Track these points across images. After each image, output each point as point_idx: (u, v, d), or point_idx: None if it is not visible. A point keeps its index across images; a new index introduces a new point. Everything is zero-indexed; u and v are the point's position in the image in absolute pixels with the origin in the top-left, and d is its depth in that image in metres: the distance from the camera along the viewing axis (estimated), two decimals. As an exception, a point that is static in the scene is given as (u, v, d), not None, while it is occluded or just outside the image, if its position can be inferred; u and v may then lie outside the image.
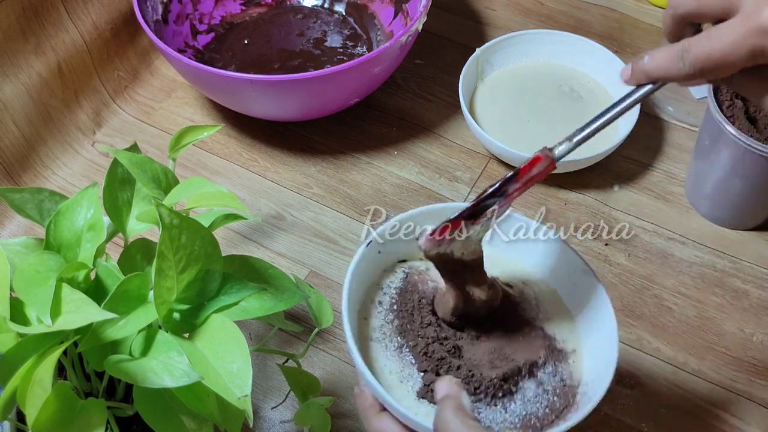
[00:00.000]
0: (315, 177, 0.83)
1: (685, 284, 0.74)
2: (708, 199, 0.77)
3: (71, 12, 0.84)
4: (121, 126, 0.88)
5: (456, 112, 0.88)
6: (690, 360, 0.69)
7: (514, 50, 0.89)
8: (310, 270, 0.75)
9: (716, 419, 0.66)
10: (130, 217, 0.55)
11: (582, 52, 0.88)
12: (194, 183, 0.52)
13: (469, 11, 0.99)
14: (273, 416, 0.66)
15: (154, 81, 0.93)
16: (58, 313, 0.44)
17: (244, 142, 0.86)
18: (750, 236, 0.77)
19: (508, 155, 0.79)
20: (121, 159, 0.52)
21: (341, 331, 0.71)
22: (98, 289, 0.49)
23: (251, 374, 0.44)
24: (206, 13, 0.94)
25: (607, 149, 0.78)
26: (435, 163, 0.84)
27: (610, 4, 0.99)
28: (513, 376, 0.50)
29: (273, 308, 0.50)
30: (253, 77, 0.75)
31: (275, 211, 0.80)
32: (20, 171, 0.80)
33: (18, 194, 0.52)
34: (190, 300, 0.47)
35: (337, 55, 0.91)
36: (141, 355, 0.46)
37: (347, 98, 0.82)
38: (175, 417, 0.46)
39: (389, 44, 0.76)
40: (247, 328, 0.70)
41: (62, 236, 0.50)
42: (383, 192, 0.81)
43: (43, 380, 0.42)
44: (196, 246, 0.45)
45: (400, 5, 0.92)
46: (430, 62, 0.93)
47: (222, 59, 0.91)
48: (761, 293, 0.73)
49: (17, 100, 0.79)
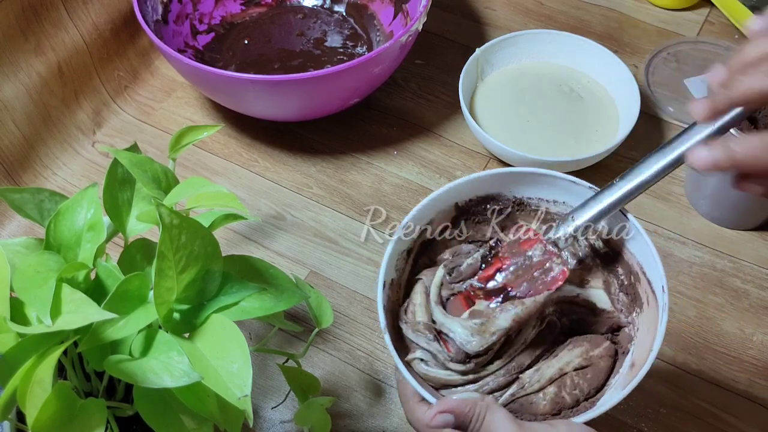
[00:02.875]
0: (315, 177, 0.83)
1: (685, 284, 0.74)
2: (708, 199, 0.77)
3: (71, 12, 0.84)
4: (121, 126, 0.88)
5: (456, 112, 0.88)
6: (690, 360, 0.69)
7: (514, 50, 0.89)
8: (310, 270, 0.75)
9: (716, 419, 0.66)
10: (130, 217, 0.54)
11: (582, 52, 0.88)
12: (194, 183, 0.52)
13: (469, 11, 0.99)
14: (273, 416, 0.66)
15: (154, 81, 0.93)
16: (58, 313, 0.44)
17: (244, 142, 0.86)
18: (750, 236, 0.77)
19: (508, 155, 0.79)
20: (121, 159, 0.52)
21: (341, 331, 0.71)
22: (98, 289, 0.49)
23: (251, 374, 0.44)
24: (206, 13, 0.94)
25: (607, 149, 0.78)
26: (435, 163, 0.84)
27: (610, 4, 0.99)
28: None
29: (273, 308, 0.50)
30: (253, 77, 0.75)
31: (275, 211, 0.80)
32: (20, 171, 0.80)
33: (18, 194, 0.52)
34: (190, 300, 0.47)
35: (337, 55, 0.91)
36: (141, 355, 0.46)
37: (347, 98, 0.82)
38: (175, 417, 0.46)
39: (389, 44, 0.76)
40: (247, 328, 0.70)
41: (62, 236, 0.50)
42: (383, 192, 0.81)
43: (43, 380, 0.42)
44: (196, 246, 0.45)
45: (400, 5, 0.92)
46: (430, 62, 0.93)
47: (222, 59, 0.91)
48: (761, 293, 0.73)
49: (17, 100, 0.79)
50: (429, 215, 0.55)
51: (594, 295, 0.54)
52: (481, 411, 0.45)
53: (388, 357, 0.70)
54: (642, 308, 0.52)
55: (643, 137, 0.84)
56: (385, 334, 0.49)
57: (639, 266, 0.52)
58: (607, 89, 0.87)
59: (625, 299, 0.54)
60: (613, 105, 0.85)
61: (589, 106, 0.85)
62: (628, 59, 0.89)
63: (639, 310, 0.52)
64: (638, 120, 0.79)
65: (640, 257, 0.52)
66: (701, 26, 0.96)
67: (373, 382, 0.68)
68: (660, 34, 0.95)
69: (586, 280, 0.55)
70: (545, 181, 0.55)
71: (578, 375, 0.50)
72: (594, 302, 0.54)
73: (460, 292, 0.52)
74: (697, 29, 0.95)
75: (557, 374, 0.50)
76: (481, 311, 0.49)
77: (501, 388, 0.49)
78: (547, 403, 0.49)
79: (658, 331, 0.48)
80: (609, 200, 0.50)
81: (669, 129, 0.86)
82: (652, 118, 0.87)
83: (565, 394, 0.49)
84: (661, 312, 0.48)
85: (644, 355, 0.48)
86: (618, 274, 0.54)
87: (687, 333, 0.71)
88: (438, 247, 0.57)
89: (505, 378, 0.49)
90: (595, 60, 0.87)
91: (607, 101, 0.85)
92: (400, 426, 0.66)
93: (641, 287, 0.52)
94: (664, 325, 0.48)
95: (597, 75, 0.87)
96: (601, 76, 0.87)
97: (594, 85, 0.87)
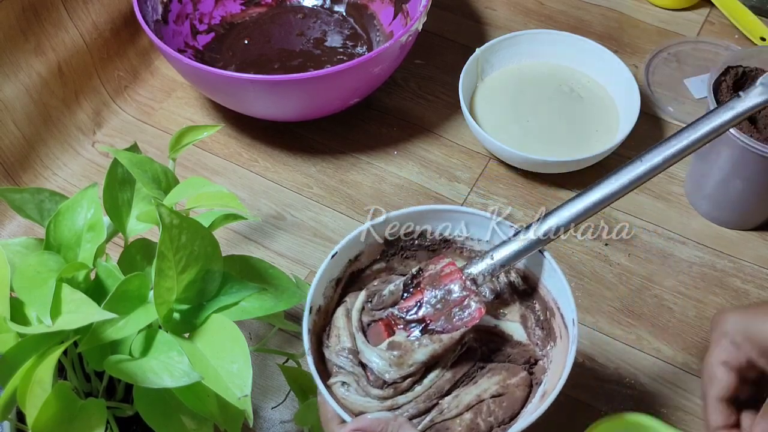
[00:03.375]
0: (315, 177, 0.83)
1: (685, 284, 0.74)
2: (708, 199, 0.77)
3: (71, 12, 0.84)
4: (121, 126, 0.88)
5: (456, 112, 0.88)
6: (690, 360, 0.69)
7: (514, 50, 0.89)
8: (310, 270, 0.75)
9: (716, 419, 0.66)
10: (130, 217, 0.55)
11: (582, 52, 0.88)
12: (194, 183, 0.52)
13: (469, 11, 0.99)
14: (273, 416, 0.66)
15: (154, 81, 0.93)
16: (58, 313, 0.44)
17: (244, 142, 0.86)
18: (750, 236, 0.77)
19: (508, 155, 0.79)
20: (121, 159, 0.52)
21: (341, 331, 0.71)
22: (98, 289, 0.49)
23: (251, 374, 0.44)
24: (206, 13, 0.94)
25: (607, 149, 0.78)
26: (435, 163, 0.84)
27: (610, 4, 0.99)
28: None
29: (273, 308, 0.50)
30: (253, 77, 0.75)
31: (275, 211, 0.80)
32: (20, 171, 0.80)
33: (18, 194, 0.52)
34: (190, 300, 0.47)
35: (337, 55, 0.91)
36: (141, 355, 0.46)
37: (347, 98, 0.82)
38: (175, 417, 0.46)
39: (389, 44, 0.76)
40: (247, 328, 0.70)
41: (62, 236, 0.50)
42: (383, 192, 0.81)
43: (43, 380, 0.42)
44: (196, 246, 0.46)
45: (400, 5, 0.92)
46: (430, 62, 0.93)
47: (222, 59, 0.91)
48: (761, 293, 0.73)
49: (17, 100, 0.79)
50: (359, 247, 0.56)
51: (511, 327, 0.56)
52: (393, 429, 0.47)
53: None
54: (555, 342, 0.54)
55: (643, 137, 0.84)
56: (309, 357, 0.49)
57: (554, 302, 0.54)
58: (607, 89, 0.87)
59: (540, 333, 0.55)
60: (613, 105, 0.85)
61: (589, 106, 0.85)
62: (628, 59, 0.89)
63: (553, 343, 0.54)
64: (638, 120, 0.79)
65: (555, 293, 0.54)
66: (701, 26, 0.96)
67: (373, 382, 0.68)
68: (660, 34, 0.95)
69: (503, 312, 0.57)
70: (465, 218, 0.56)
71: (494, 402, 0.51)
72: (511, 334, 0.56)
73: (381, 319, 0.53)
74: (697, 29, 0.95)
75: (475, 401, 0.51)
76: (399, 343, 0.50)
77: (420, 415, 0.50)
78: (462, 429, 0.50)
79: (567, 360, 0.49)
80: (523, 242, 0.52)
81: (669, 129, 0.86)
82: (652, 118, 0.87)
83: (480, 420, 0.50)
84: (571, 344, 0.50)
85: (554, 383, 0.49)
86: (535, 309, 0.56)
87: (687, 333, 0.71)
88: (365, 280, 0.58)
89: (424, 404, 0.50)
90: (595, 60, 0.87)
91: (607, 101, 0.85)
92: (400, 426, 0.66)
93: (555, 322, 0.54)
94: (572, 355, 0.49)
95: (597, 75, 0.87)
96: (601, 76, 0.87)
97: (594, 85, 0.87)
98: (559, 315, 0.53)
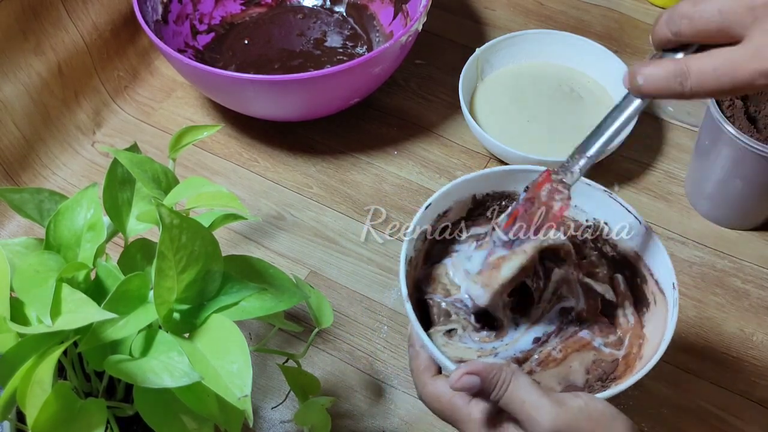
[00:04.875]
0: (315, 177, 0.83)
1: (685, 284, 0.74)
2: (708, 199, 0.77)
3: (71, 12, 0.84)
4: (121, 126, 0.88)
5: (456, 112, 0.88)
6: (690, 360, 0.69)
7: (514, 50, 0.89)
8: (310, 270, 0.75)
9: (716, 419, 0.66)
10: (130, 217, 0.54)
11: (582, 52, 0.88)
12: (194, 183, 0.52)
13: (469, 11, 0.99)
14: (273, 416, 0.66)
15: (154, 81, 0.93)
16: (58, 313, 0.44)
17: (244, 142, 0.86)
18: (750, 236, 0.77)
19: (508, 155, 0.79)
20: (121, 159, 0.52)
21: (341, 331, 0.71)
22: (98, 289, 0.49)
23: (251, 374, 0.44)
24: (206, 13, 0.94)
25: (606, 149, 0.78)
26: (435, 163, 0.84)
27: (610, 4, 0.99)
28: None
29: (273, 308, 0.50)
30: (253, 77, 0.75)
31: (275, 211, 0.80)
32: (20, 171, 0.80)
33: (18, 194, 0.52)
34: (190, 300, 0.47)
35: (337, 55, 0.91)
36: (141, 355, 0.46)
37: (347, 98, 0.82)
38: (176, 417, 0.46)
39: (389, 44, 0.76)
40: (247, 328, 0.70)
41: (62, 236, 0.50)
42: (383, 192, 0.81)
43: (43, 380, 0.42)
44: (196, 246, 0.45)
45: (400, 5, 0.92)
46: (430, 62, 0.93)
47: (222, 59, 0.91)
48: (761, 293, 0.73)
49: (17, 100, 0.79)
50: (447, 203, 0.57)
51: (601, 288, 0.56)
52: (506, 377, 0.44)
53: (388, 357, 0.70)
54: (649, 307, 0.54)
55: (643, 137, 0.84)
56: (407, 303, 0.50)
57: (647, 268, 0.54)
58: (607, 89, 0.87)
59: (630, 298, 0.56)
60: (613, 105, 0.85)
61: (589, 106, 0.85)
62: (628, 59, 0.89)
63: (646, 309, 0.55)
64: (638, 120, 0.79)
65: (648, 259, 0.54)
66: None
67: (373, 382, 0.68)
68: (660, 34, 0.95)
69: (595, 272, 0.57)
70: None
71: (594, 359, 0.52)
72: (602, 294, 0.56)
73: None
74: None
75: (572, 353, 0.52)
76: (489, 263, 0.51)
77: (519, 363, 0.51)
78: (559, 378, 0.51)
79: (668, 324, 0.50)
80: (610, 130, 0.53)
81: (669, 129, 0.86)
82: (652, 118, 0.87)
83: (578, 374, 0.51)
84: (672, 307, 0.51)
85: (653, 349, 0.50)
86: (625, 274, 0.57)
87: (687, 333, 0.71)
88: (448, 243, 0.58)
89: (522, 354, 0.51)
90: (595, 60, 0.87)
91: (607, 101, 0.85)
92: (400, 426, 0.66)
93: (648, 288, 0.54)
94: (674, 318, 0.50)
95: (597, 75, 0.87)
96: (601, 76, 0.87)
97: (594, 85, 0.87)
98: (653, 281, 0.53)
